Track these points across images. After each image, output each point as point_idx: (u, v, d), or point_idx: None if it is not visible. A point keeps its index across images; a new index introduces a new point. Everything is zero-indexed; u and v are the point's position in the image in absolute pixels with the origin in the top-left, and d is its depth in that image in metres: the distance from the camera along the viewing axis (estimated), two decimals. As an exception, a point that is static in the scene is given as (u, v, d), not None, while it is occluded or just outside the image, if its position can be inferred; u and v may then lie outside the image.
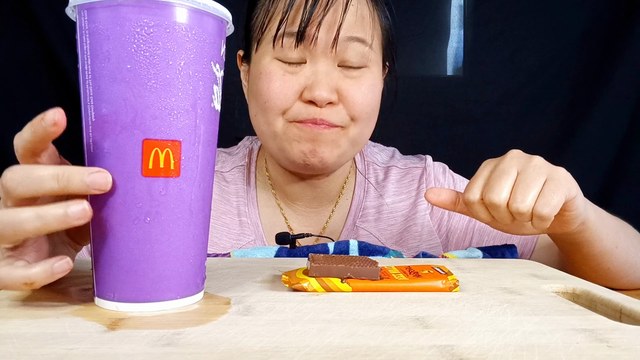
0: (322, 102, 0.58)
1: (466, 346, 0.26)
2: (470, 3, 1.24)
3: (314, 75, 0.59)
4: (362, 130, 0.63)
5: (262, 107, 0.61)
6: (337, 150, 0.62)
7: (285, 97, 0.59)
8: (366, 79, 0.62)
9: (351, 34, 0.59)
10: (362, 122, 0.62)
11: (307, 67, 0.60)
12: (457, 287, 0.38)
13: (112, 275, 0.31)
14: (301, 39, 0.58)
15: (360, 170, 0.74)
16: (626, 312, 0.35)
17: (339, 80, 0.60)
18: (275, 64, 0.60)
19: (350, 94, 0.60)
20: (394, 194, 0.73)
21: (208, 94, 0.32)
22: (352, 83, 0.61)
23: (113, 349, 0.25)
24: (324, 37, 0.58)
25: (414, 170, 0.74)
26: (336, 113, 0.60)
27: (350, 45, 0.59)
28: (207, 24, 0.31)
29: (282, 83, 0.59)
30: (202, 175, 0.32)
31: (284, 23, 0.58)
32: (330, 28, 0.58)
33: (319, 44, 0.58)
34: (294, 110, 0.60)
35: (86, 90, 0.30)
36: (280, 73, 0.60)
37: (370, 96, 0.62)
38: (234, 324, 0.29)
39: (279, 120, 0.61)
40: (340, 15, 0.58)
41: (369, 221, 0.71)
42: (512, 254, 0.57)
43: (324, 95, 0.58)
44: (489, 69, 1.23)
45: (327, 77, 0.59)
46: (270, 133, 0.62)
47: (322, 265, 0.37)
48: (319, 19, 0.57)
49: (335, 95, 0.59)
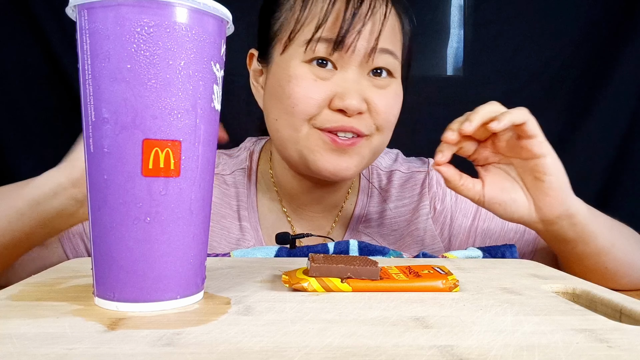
0: (353, 111, 0.58)
1: (466, 346, 0.26)
2: (470, 3, 1.24)
3: (345, 83, 0.59)
4: (383, 139, 0.64)
5: (287, 111, 0.60)
6: (360, 161, 0.62)
7: (315, 102, 0.59)
8: (392, 89, 0.62)
9: (385, 46, 0.60)
10: (385, 131, 0.63)
11: (338, 74, 0.59)
12: (457, 287, 0.38)
13: (112, 275, 0.31)
14: (339, 47, 0.58)
15: (364, 174, 0.74)
16: (626, 312, 0.35)
17: (367, 90, 0.60)
18: (305, 67, 0.59)
19: (379, 103, 0.60)
20: (396, 199, 0.72)
21: (208, 94, 0.32)
22: (380, 93, 0.61)
23: (113, 349, 0.25)
24: (363, 46, 0.58)
25: (416, 175, 0.74)
26: (364, 122, 0.60)
27: (382, 57, 0.60)
28: (207, 24, 0.31)
29: (313, 88, 0.59)
30: (202, 175, 0.32)
31: (322, 28, 0.58)
32: (369, 38, 0.58)
33: (356, 53, 0.58)
34: (322, 117, 0.59)
35: (86, 90, 0.30)
36: (311, 78, 0.59)
37: (396, 106, 0.63)
38: (234, 324, 0.29)
39: (304, 126, 0.60)
40: (379, 26, 0.58)
41: (372, 226, 0.71)
42: (512, 254, 0.57)
43: (355, 104, 0.58)
44: (489, 69, 1.23)
45: (357, 85, 0.59)
46: (292, 138, 0.61)
47: (322, 265, 0.37)
48: (359, 27, 0.57)
49: (364, 104, 0.59)
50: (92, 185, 0.31)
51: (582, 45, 1.21)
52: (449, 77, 1.28)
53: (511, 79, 1.22)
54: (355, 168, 0.62)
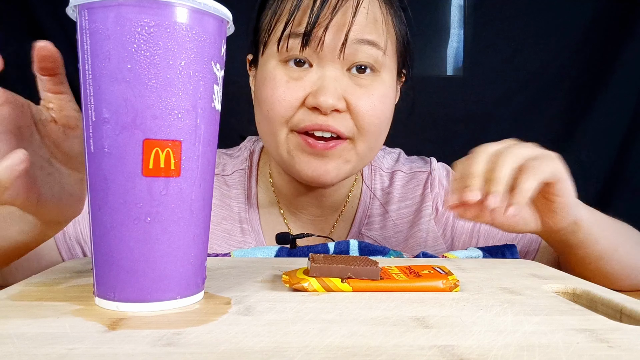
0: (326, 108, 0.55)
1: (466, 346, 0.26)
2: (470, 3, 1.24)
3: (320, 81, 0.56)
4: (371, 145, 0.60)
5: (265, 115, 0.58)
6: (346, 167, 0.59)
7: (288, 104, 0.56)
8: (377, 88, 0.58)
9: (362, 36, 0.56)
10: (370, 135, 0.59)
11: (314, 72, 0.57)
12: (457, 287, 0.38)
13: (113, 275, 0.31)
14: (307, 41, 0.55)
15: (366, 177, 0.73)
16: (627, 312, 0.35)
17: (347, 88, 0.56)
18: (279, 69, 0.57)
19: (359, 103, 0.57)
20: (399, 200, 0.71)
21: (208, 94, 0.32)
22: (362, 92, 0.57)
23: (113, 349, 0.25)
24: (332, 39, 0.55)
25: (419, 175, 0.73)
26: (342, 122, 0.57)
27: (361, 48, 0.56)
28: (207, 24, 0.31)
29: (286, 90, 0.56)
30: (202, 175, 0.32)
31: (290, 24, 0.55)
32: (339, 30, 0.55)
33: (326, 47, 0.55)
34: (297, 117, 0.57)
35: (86, 90, 0.30)
36: (284, 79, 0.57)
37: (381, 107, 0.58)
38: (234, 323, 0.29)
39: (282, 129, 0.58)
40: (350, 18, 0.55)
41: (375, 229, 0.70)
42: (512, 254, 0.57)
43: (329, 101, 0.54)
44: (489, 69, 1.23)
45: (335, 82, 0.56)
46: (273, 143, 0.59)
47: (323, 265, 0.37)
48: (326, 20, 0.54)
49: (342, 102, 0.56)
50: (92, 186, 0.31)
51: (582, 45, 1.21)
52: (449, 77, 1.28)
53: (511, 79, 1.22)
54: (335, 172, 0.59)
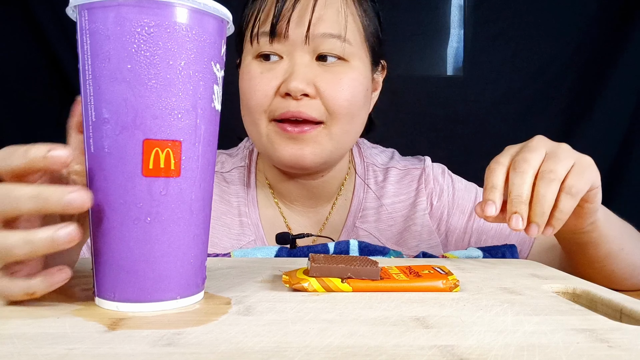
0: (296, 92, 0.58)
1: (467, 346, 0.26)
2: (470, 3, 1.24)
3: (291, 68, 0.59)
4: (344, 128, 0.62)
5: (246, 107, 0.63)
6: (320, 150, 0.62)
7: (264, 94, 0.60)
8: (346, 73, 0.61)
9: (325, 31, 0.59)
10: (342, 118, 0.61)
11: (285, 62, 0.60)
12: (457, 287, 0.38)
13: (113, 275, 0.31)
14: (274, 35, 0.59)
15: (359, 172, 0.74)
16: (626, 312, 0.35)
17: (317, 74, 0.60)
18: (254, 63, 0.62)
19: (328, 87, 0.60)
20: (393, 195, 0.73)
21: (208, 94, 0.32)
22: (331, 77, 0.60)
23: (113, 349, 0.25)
24: (295, 31, 0.59)
25: (413, 171, 0.74)
26: (314, 107, 0.60)
27: (324, 41, 0.60)
28: (207, 24, 0.31)
29: (260, 80, 0.60)
30: (202, 175, 0.32)
31: (258, 21, 0.60)
32: (300, 22, 0.59)
33: (290, 38, 0.59)
34: (273, 106, 0.60)
35: (86, 90, 0.30)
36: (258, 71, 0.61)
37: (349, 91, 0.61)
38: (234, 324, 0.29)
39: (262, 119, 0.61)
40: (310, 10, 0.59)
41: (369, 222, 0.71)
42: (512, 254, 0.57)
43: (299, 86, 0.58)
44: (489, 69, 1.23)
45: (305, 69, 0.59)
46: (257, 133, 0.63)
47: (323, 265, 0.37)
48: (288, 14, 0.58)
49: (312, 87, 0.59)
50: (92, 186, 0.31)
51: (582, 45, 1.21)
52: (449, 77, 1.28)
53: (511, 79, 1.22)
54: (312, 156, 0.61)
